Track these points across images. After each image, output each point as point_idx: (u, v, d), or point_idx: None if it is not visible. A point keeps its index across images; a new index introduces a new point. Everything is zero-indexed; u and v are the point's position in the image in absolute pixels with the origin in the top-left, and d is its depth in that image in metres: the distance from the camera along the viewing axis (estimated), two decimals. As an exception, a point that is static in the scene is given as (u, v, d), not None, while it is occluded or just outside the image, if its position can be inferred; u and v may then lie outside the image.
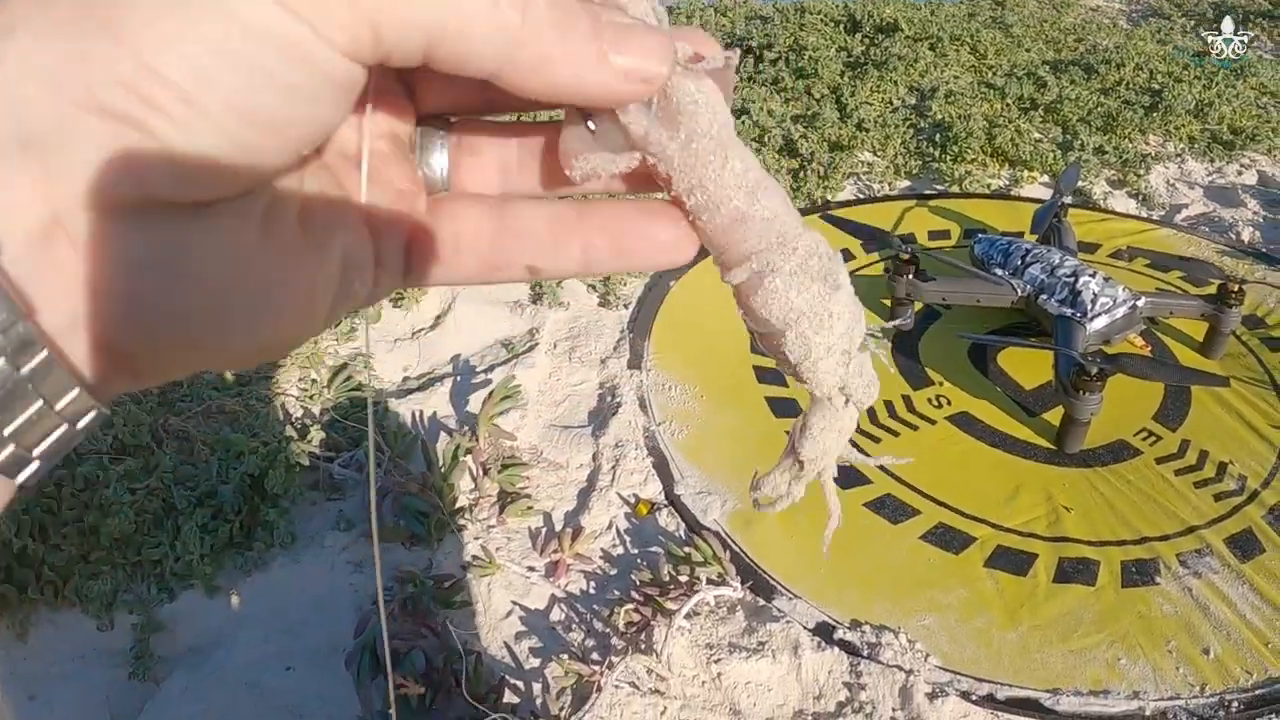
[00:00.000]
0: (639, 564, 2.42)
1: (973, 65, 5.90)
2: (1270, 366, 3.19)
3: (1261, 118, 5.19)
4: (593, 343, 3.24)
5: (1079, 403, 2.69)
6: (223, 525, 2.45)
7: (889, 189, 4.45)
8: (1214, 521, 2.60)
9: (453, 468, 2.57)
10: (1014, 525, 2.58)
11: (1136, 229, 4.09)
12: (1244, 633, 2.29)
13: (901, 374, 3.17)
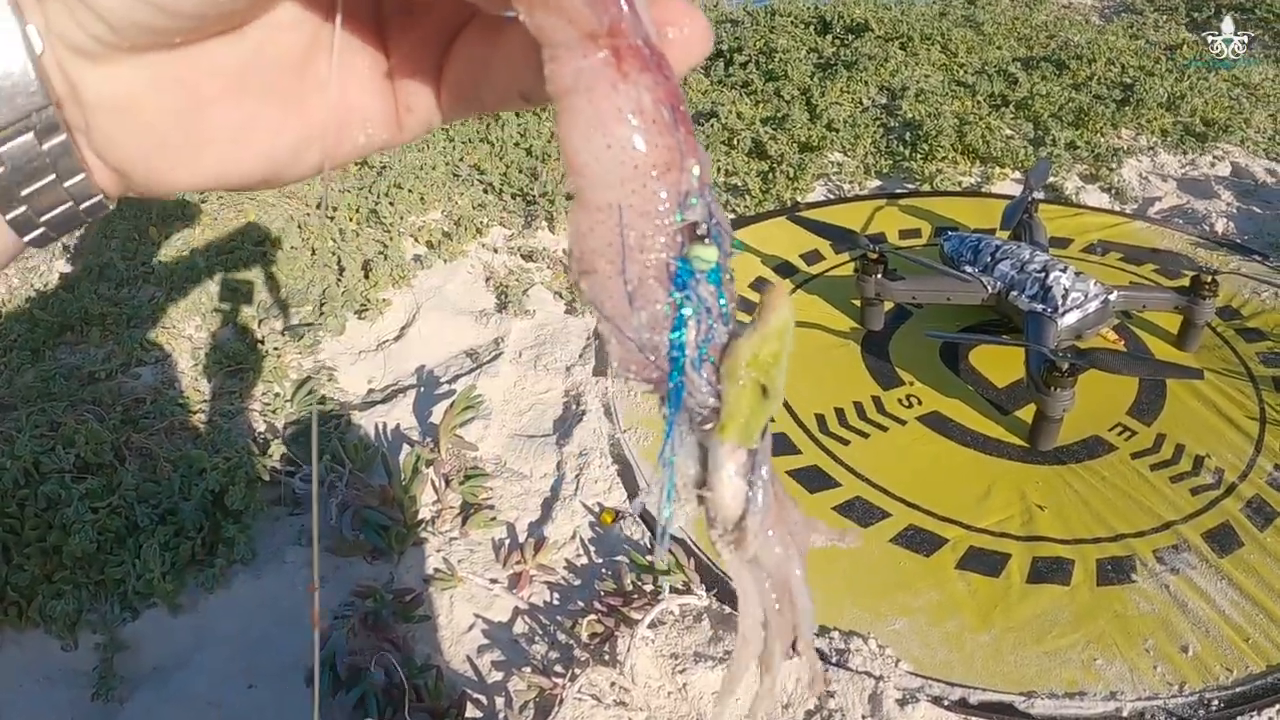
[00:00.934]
0: (603, 574, 2.38)
1: (944, 64, 5.89)
2: (1245, 358, 3.16)
3: (1234, 109, 5.18)
4: (558, 350, 3.21)
5: (1051, 399, 2.66)
6: (184, 543, 2.42)
7: (859, 189, 4.43)
8: (1191, 516, 2.56)
9: (414, 480, 2.54)
10: (986, 525, 2.55)
11: (1109, 223, 4.07)
12: (1223, 629, 2.25)
13: (872, 374, 3.13)
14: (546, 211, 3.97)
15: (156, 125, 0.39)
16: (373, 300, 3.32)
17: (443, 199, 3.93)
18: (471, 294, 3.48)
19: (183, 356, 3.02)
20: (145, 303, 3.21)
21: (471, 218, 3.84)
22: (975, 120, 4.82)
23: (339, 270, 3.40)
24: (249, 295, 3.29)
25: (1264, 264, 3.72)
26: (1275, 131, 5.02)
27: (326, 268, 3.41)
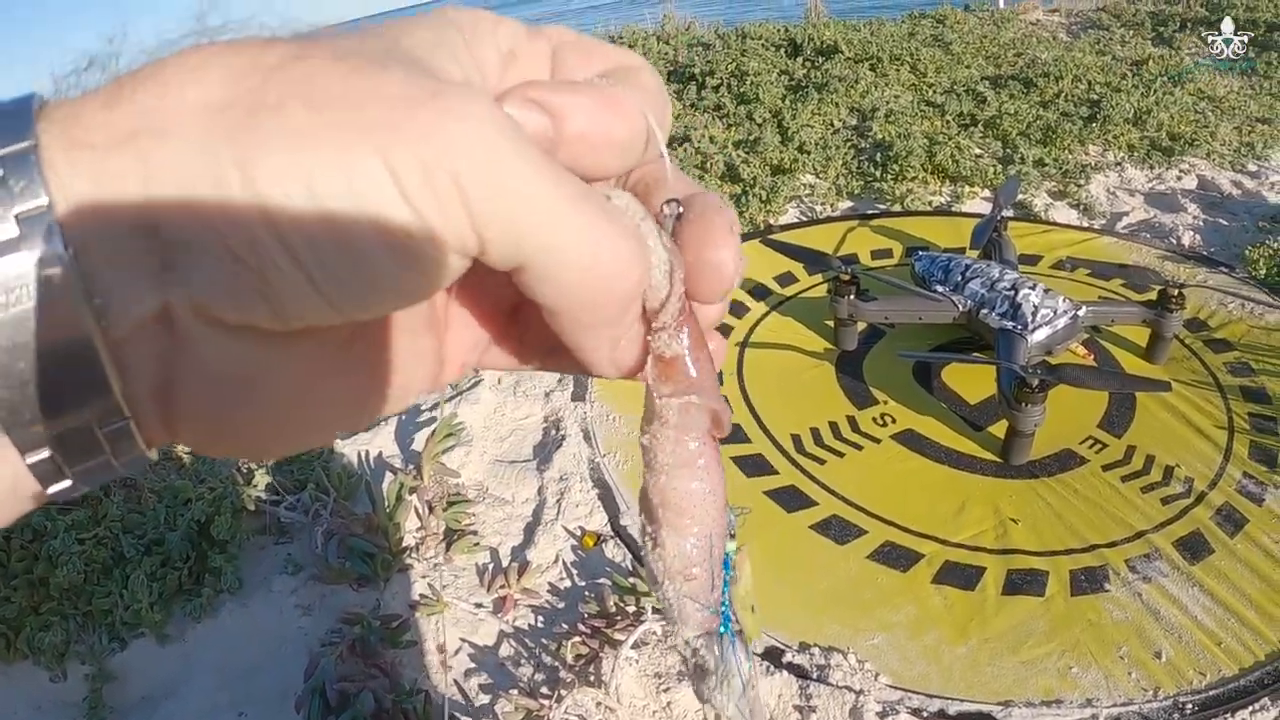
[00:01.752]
0: (586, 596, 2.41)
1: (913, 84, 5.95)
2: (1213, 368, 3.22)
3: (1200, 122, 5.25)
4: (537, 377, 3.24)
5: (1022, 415, 2.70)
6: (171, 573, 2.44)
7: (831, 210, 4.48)
8: (1162, 525, 2.61)
9: (398, 507, 2.56)
10: (961, 540, 2.58)
11: (1078, 239, 4.13)
12: (1196, 634, 2.29)
13: (846, 394, 3.17)
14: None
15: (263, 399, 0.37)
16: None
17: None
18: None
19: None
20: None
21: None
22: (945, 140, 4.88)
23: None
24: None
25: (1230, 275, 3.78)
26: (1241, 144, 5.09)
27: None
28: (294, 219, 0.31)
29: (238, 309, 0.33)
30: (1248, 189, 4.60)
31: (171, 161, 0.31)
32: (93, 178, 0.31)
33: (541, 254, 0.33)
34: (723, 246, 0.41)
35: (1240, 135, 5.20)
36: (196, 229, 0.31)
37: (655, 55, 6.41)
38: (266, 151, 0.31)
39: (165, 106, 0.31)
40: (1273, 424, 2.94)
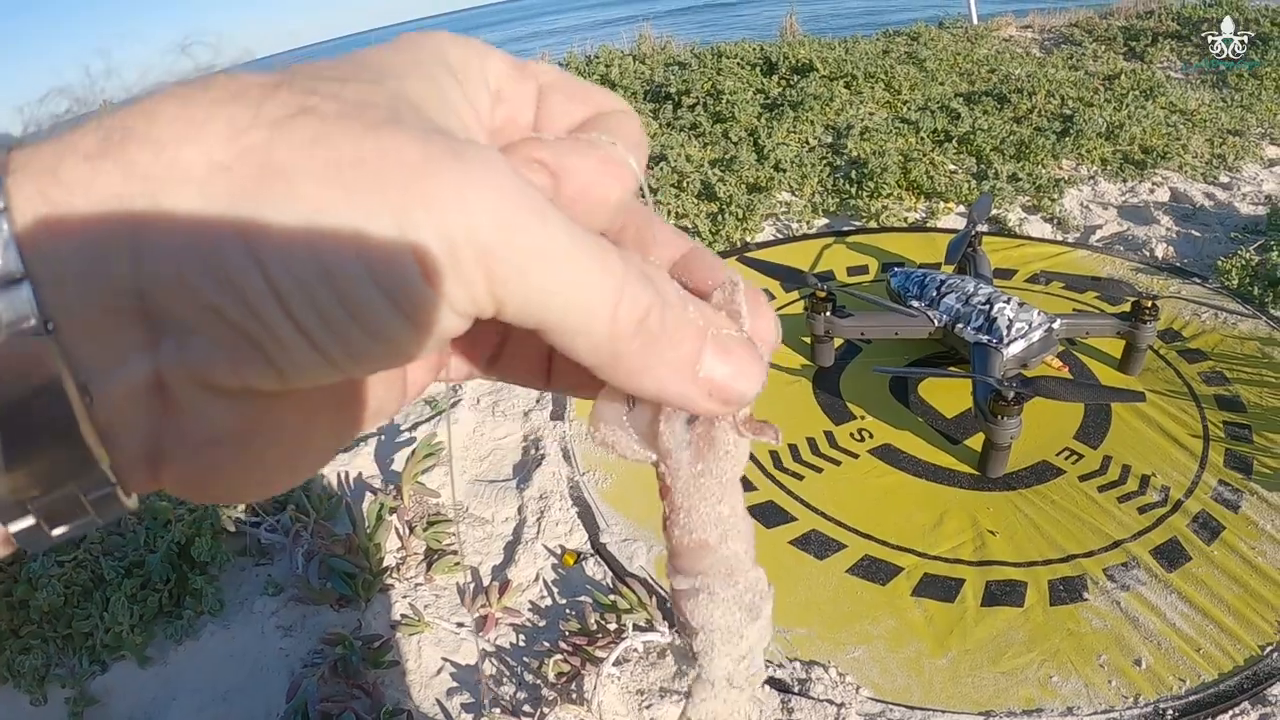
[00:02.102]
0: (567, 614, 2.41)
1: (887, 101, 5.99)
2: (1188, 378, 3.25)
3: (1172, 135, 5.29)
4: (515, 396, 3.25)
5: (998, 427, 2.71)
6: (152, 595, 2.43)
7: (807, 228, 4.50)
8: (1139, 534, 2.62)
9: (378, 527, 2.56)
10: (940, 553, 2.60)
11: (1052, 252, 4.16)
12: (1174, 640, 2.31)
13: (823, 410, 3.19)
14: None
15: (255, 451, 0.36)
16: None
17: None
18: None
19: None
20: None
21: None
22: (919, 156, 4.91)
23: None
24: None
25: (1203, 286, 3.82)
26: (1212, 156, 5.14)
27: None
28: (305, 297, 0.30)
29: (238, 378, 0.32)
30: (1220, 200, 4.64)
31: (163, 231, 0.29)
32: (76, 248, 0.29)
33: (560, 314, 0.33)
34: (766, 315, 0.42)
35: (1212, 147, 5.25)
36: (193, 309, 0.30)
37: (631, 74, 6.44)
38: (275, 229, 0.30)
39: (160, 168, 0.30)
40: (1247, 432, 2.97)
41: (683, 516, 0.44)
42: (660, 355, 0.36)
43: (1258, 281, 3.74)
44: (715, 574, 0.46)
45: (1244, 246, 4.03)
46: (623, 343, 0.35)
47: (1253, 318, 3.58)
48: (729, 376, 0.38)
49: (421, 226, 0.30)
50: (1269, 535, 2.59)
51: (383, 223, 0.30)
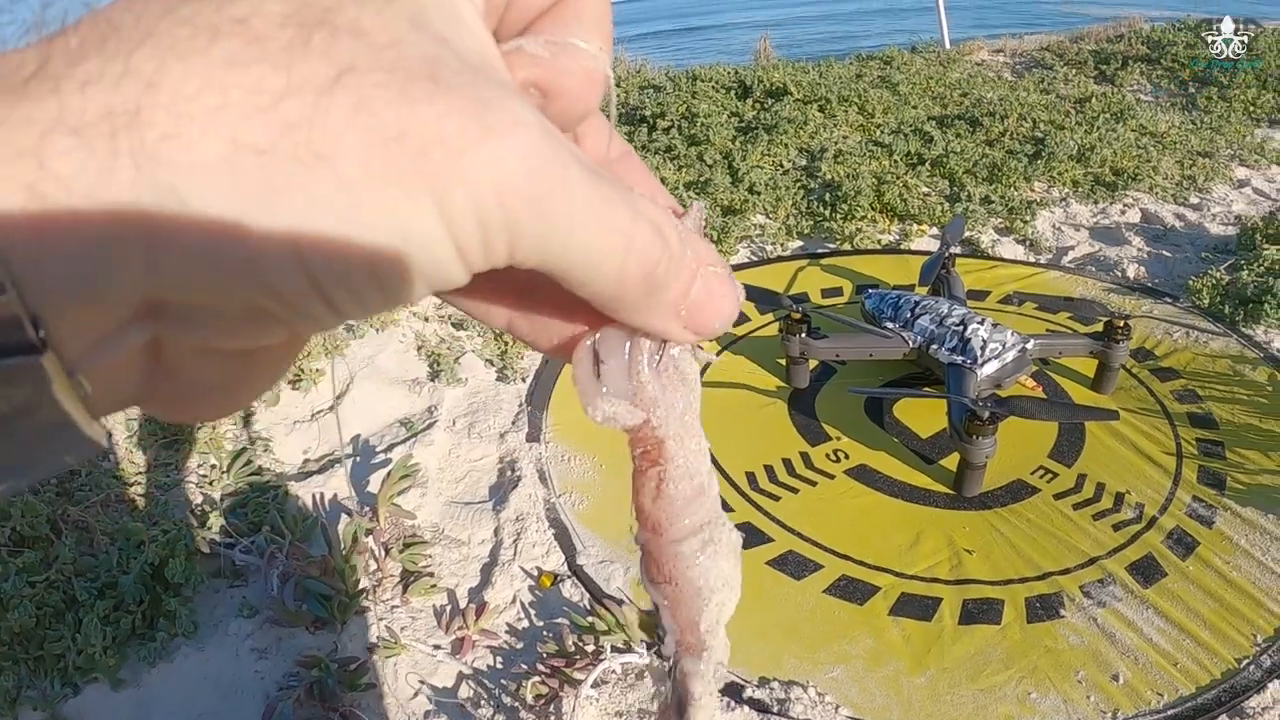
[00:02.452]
0: (544, 636, 2.40)
1: (861, 124, 6.01)
2: (1161, 396, 3.27)
3: (1143, 157, 5.33)
4: (491, 417, 3.24)
5: (973, 447, 2.72)
6: (125, 616, 2.40)
7: (781, 250, 4.51)
8: (1115, 551, 2.64)
9: (354, 549, 2.55)
10: (917, 572, 2.60)
11: (1025, 273, 4.18)
12: (1152, 655, 2.32)
13: (799, 431, 3.19)
14: (476, 281, 4.01)
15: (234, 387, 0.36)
16: (306, 370, 3.33)
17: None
18: (404, 363, 3.51)
19: (117, 427, 3.01)
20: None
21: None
22: (893, 179, 4.93)
23: (273, 341, 3.42)
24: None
25: (1175, 305, 3.85)
26: (1182, 178, 5.18)
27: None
28: (344, 284, 0.30)
29: (248, 344, 0.32)
30: (1190, 221, 4.67)
31: (191, 240, 0.27)
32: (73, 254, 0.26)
33: (571, 266, 0.34)
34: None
35: (1182, 169, 5.29)
36: (217, 304, 0.30)
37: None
38: (318, 222, 0.29)
39: (179, 153, 0.27)
40: (1220, 448, 2.99)
41: (679, 463, 0.45)
42: (655, 298, 0.37)
43: (1228, 300, 3.77)
44: (713, 519, 0.47)
45: (1214, 266, 4.06)
46: (628, 290, 0.36)
47: (1224, 336, 3.61)
48: (710, 312, 0.39)
49: (459, 205, 0.30)
50: (1243, 550, 2.60)
51: (422, 210, 0.29)
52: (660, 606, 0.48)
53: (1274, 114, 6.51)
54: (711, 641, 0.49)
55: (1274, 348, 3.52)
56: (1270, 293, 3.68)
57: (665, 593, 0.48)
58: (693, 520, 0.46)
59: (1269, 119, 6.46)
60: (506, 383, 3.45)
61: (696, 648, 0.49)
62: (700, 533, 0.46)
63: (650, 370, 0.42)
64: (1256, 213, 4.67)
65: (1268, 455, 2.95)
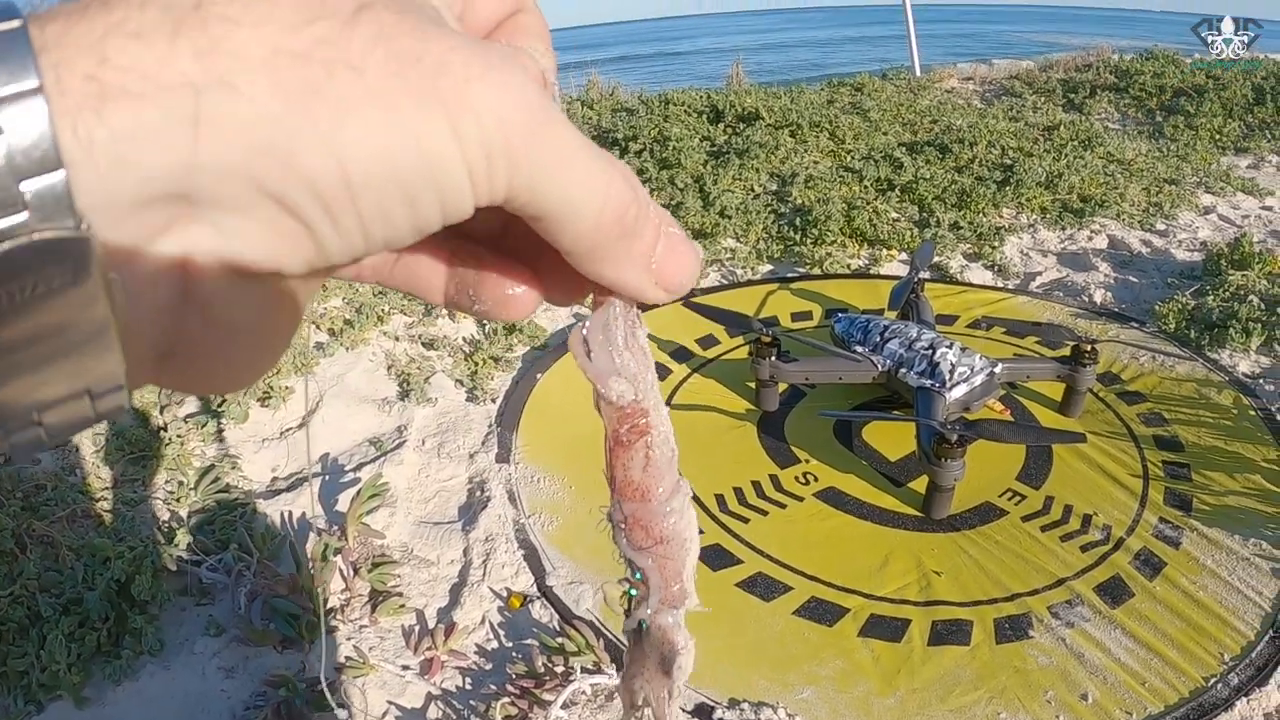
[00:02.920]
0: (514, 657, 2.39)
1: (832, 150, 6.05)
2: (1127, 419, 3.30)
3: (1110, 184, 5.39)
4: (461, 438, 3.23)
5: (942, 470, 2.73)
6: (90, 633, 2.37)
7: (752, 274, 4.53)
8: (1082, 572, 2.65)
9: (322, 568, 2.53)
10: (886, 593, 2.61)
11: (993, 299, 4.21)
12: (1120, 675, 2.33)
13: (769, 454, 3.20)
14: (447, 300, 4.01)
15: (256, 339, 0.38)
16: (275, 388, 3.32)
17: (344, 286, 3.96)
18: (374, 382, 3.50)
19: (84, 442, 3.00)
20: (44, 388, 3.18)
21: (373, 305, 3.87)
22: (863, 204, 4.96)
23: (241, 357, 3.41)
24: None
25: (1141, 330, 3.89)
26: (1149, 204, 5.24)
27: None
28: (373, 190, 0.32)
29: (275, 262, 0.33)
30: (1156, 247, 4.73)
31: (235, 120, 0.29)
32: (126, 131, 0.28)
33: (558, 206, 0.36)
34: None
35: (1148, 196, 5.35)
36: (253, 196, 0.31)
37: (580, 120, 6.47)
38: (351, 121, 0.31)
39: (231, 50, 0.29)
40: (1186, 470, 3.01)
41: (659, 430, 0.47)
42: (626, 249, 0.39)
43: (1194, 325, 3.81)
44: (679, 473, 0.49)
45: (1180, 291, 4.11)
46: (603, 234, 0.38)
47: (1189, 360, 3.64)
48: (676, 267, 0.42)
49: (469, 132, 0.32)
50: (1209, 570, 2.62)
51: (440, 127, 0.32)
52: (644, 569, 0.50)
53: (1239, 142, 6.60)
54: (689, 585, 0.51)
55: (1239, 371, 3.55)
56: (1235, 318, 3.73)
57: (655, 553, 0.49)
58: (670, 479, 0.48)
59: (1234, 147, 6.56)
60: (476, 403, 3.45)
61: (680, 596, 0.51)
62: (679, 489, 0.49)
63: (627, 345, 0.44)
64: (1222, 239, 4.72)
65: (1233, 477, 2.98)
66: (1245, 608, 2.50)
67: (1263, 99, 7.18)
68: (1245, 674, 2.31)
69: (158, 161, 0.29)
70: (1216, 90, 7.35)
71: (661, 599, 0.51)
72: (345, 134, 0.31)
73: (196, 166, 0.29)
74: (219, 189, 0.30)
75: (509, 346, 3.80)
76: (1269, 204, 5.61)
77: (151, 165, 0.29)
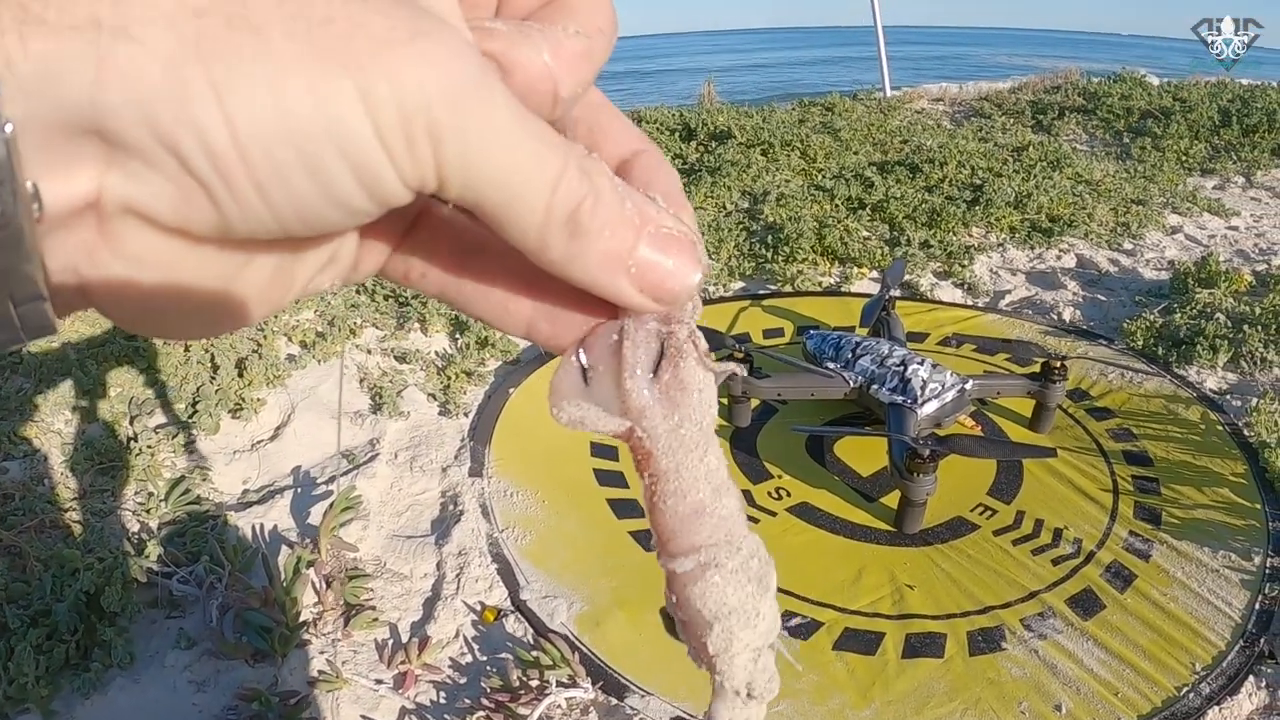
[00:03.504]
0: (488, 671, 2.39)
1: (803, 169, 6.07)
2: (1096, 435, 3.32)
3: (1078, 204, 5.44)
4: (434, 451, 3.23)
5: (914, 485, 2.75)
6: (58, 646, 2.34)
7: (724, 291, 4.55)
8: (1054, 585, 2.67)
9: (295, 581, 2.52)
10: (859, 607, 2.61)
11: (963, 316, 4.24)
12: (1093, 685, 2.34)
13: (741, 470, 3.20)
14: (419, 313, 4.01)
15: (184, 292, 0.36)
16: (247, 400, 3.31)
17: (316, 299, 3.95)
18: (346, 395, 3.49)
19: (52, 451, 2.98)
20: (13, 394, 3.16)
21: (345, 318, 3.86)
22: (834, 223, 4.98)
23: (213, 369, 3.40)
24: (121, 391, 3.26)
25: (1109, 347, 3.92)
26: (1117, 224, 5.29)
27: (200, 365, 3.40)
28: (267, 154, 0.31)
29: (179, 219, 0.32)
30: (1124, 266, 4.77)
31: (132, 65, 0.29)
32: (41, 57, 0.29)
33: (496, 195, 0.34)
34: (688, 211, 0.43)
35: (1116, 216, 5.39)
36: (151, 145, 0.30)
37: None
38: (244, 81, 0.30)
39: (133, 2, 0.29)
40: (1155, 484, 3.04)
41: (671, 481, 0.42)
42: (589, 247, 0.36)
43: (1162, 342, 3.85)
44: (718, 542, 0.44)
45: (1148, 309, 4.14)
46: (553, 231, 0.35)
47: (1158, 376, 3.68)
48: (662, 270, 0.38)
49: (382, 97, 0.31)
50: (1180, 581, 2.64)
51: (345, 89, 0.30)
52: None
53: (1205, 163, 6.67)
54: (723, 666, 0.46)
55: (1206, 388, 3.59)
56: (1202, 335, 3.76)
57: (673, 607, 0.45)
58: (692, 540, 0.43)
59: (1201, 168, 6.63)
60: (449, 417, 3.44)
61: (710, 668, 0.46)
62: (697, 553, 0.43)
63: (645, 376, 0.41)
64: (1189, 258, 4.77)
65: (1201, 491, 3.01)
66: (1215, 618, 2.52)
67: (1229, 121, 7.25)
68: (1216, 683, 2.33)
69: (65, 95, 0.29)
70: (1183, 112, 7.43)
71: (696, 659, 0.47)
72: (235, 90, 0.30)
73: (98, 105, 0.29)
74: (124, 132, 0.30)
75: (481, 360, 3.80)
76: (1235, 224, 5.68)
77: (60, 97, 0.29)
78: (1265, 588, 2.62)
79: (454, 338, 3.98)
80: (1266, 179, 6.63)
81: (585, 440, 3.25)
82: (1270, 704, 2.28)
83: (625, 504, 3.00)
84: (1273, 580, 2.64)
